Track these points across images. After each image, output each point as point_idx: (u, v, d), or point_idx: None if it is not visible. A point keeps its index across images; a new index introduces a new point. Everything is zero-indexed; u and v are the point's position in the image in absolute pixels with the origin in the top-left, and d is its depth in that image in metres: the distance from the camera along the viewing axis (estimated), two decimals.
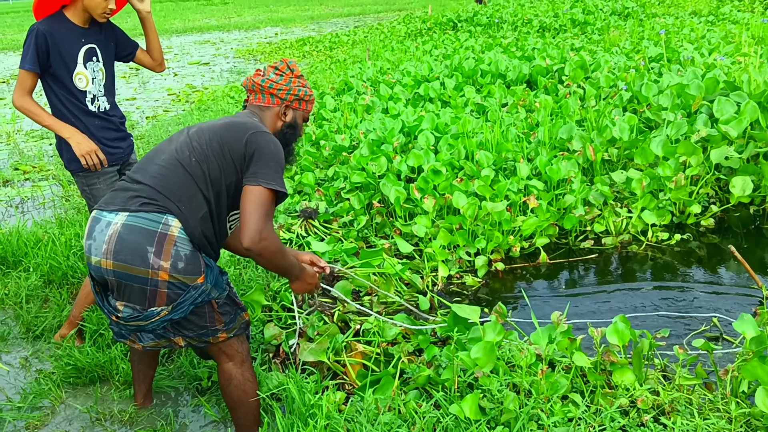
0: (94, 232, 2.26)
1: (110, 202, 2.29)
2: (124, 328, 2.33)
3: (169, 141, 2.43)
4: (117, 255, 2.18)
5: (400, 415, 2.43)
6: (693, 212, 4.25)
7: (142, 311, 2.22)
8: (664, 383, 2.54)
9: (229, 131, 2.37)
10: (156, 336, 2.33)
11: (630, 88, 5.97)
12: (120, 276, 2.20)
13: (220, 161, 2.33)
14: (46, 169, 6.87)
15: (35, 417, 2.85)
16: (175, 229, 2.23)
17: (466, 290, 3.71)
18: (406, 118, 5.70)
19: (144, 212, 2.21)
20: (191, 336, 2.34)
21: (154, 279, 2.18)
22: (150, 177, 2.29)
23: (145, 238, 2.18)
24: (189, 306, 2.25)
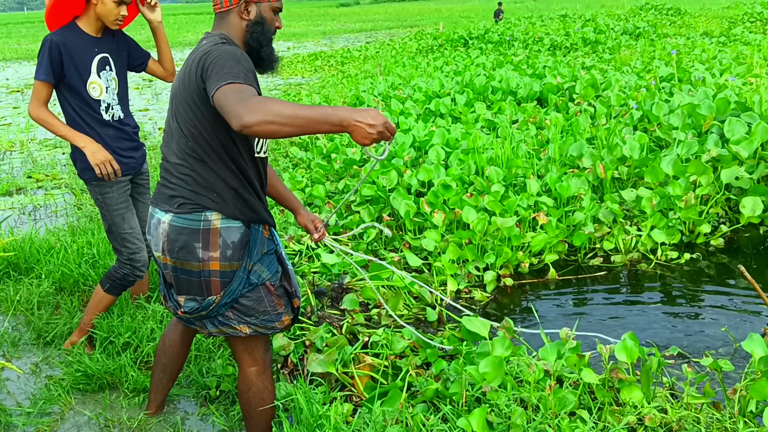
0: (151, 228, 2.35)
1: (157, 198, 2.35)
2: (187, 317, 2.40)
3: (167, 124, 2.34)
4: (171, 253, 2.28)
5: (408, 428, 2.44)
6: (703, 231, 4.25)
7: (202, 302, 2.31)
8: (672, 401, 2.54)
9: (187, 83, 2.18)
10: (219, 323, 2.36)
11: (641, 107, 5.99)
12: (176, 271, 2.30)
13: (203, 121, 2.19)
14: (59, 178, 6.94)
15: (44, 423, 2.87)
16: (217, 221, 2.26)
17: (474, 305, 3.72)
18: (417, 133, 5.74)
19: (184, 213, 2.26)
20: (256, 323, 2.36)
21: (206, 270, 2.27)
22: (176, 174, 2.28)
23: (190, 237, 2.25)
24: (238, 287, 2.29)
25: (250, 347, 2.45)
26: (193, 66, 2.18)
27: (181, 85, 2.24)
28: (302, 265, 4.01)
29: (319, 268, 3.90)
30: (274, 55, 2.42)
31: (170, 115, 2.33)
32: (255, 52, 2.36)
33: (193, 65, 2.17)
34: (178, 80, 2.28)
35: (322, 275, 3.86)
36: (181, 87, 2.24)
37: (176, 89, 2.29)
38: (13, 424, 2.86)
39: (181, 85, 2.24)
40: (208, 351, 3.20)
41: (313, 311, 3.41)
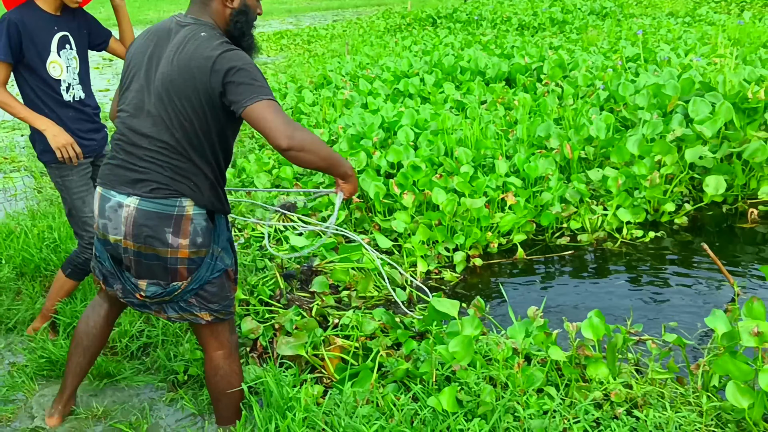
0: (106, 211, 2.28)
1: (114, 180, 2.26)
2: (147, 302, 2.36)
3: (138, 111, 2.23)
4: (136, 238, 2.22)
5: (379, 408, 2.44)
6: (667, 210, 4.31)
7: (166, 287, 2.28)
8: (637, 377, 2.59)
9: (190, 80, 2.15)
10: (180, 309, 2.36)
11: (607, 87, 6.03)
12: (140, 256, 2.25)
13: (202, 119, 2.19)
14: (18, 161, 6.76)
15: (8, 410, 2.81)
16: (190, 207, 2.25)
17: (444, 285, 3.73)
18: (386, 114, 5.71)
19: (156, 198, 2.20)
20: (218, 309, 2.37)
21: (174, 257, 2.24)
22: (148, 161, 2.21)
23: (162, 222, 2.21)
24: (206, 273, 2.30)
25: (216, 331, 2.44)
26: (203, 63, 2.14)
27: (181, 78, 2.17)
28: (271, 248, 3.98)
29: (287, 251, 3.87)
30: (254, 43, 2.42)
31: (152, 100, 2.22)
32: (236, 41, 2.33)
33: (204, 62, 2.13)
34: (174, 70, 2.18)
35: (291, 258, 3.83)
36: (180, 79, 2.17)
37: (171, 79, 2.18)
38: None
39: (180, 78, 2.17)
40: (175, 335, 3.16)
41: (282, 294, 3.39)
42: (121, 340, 3.17)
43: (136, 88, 2.28)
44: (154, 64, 2.25)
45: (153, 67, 2.25)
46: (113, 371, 2.98)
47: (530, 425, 2.30)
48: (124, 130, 2.28)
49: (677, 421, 2.27)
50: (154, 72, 2.24)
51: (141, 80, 2.27)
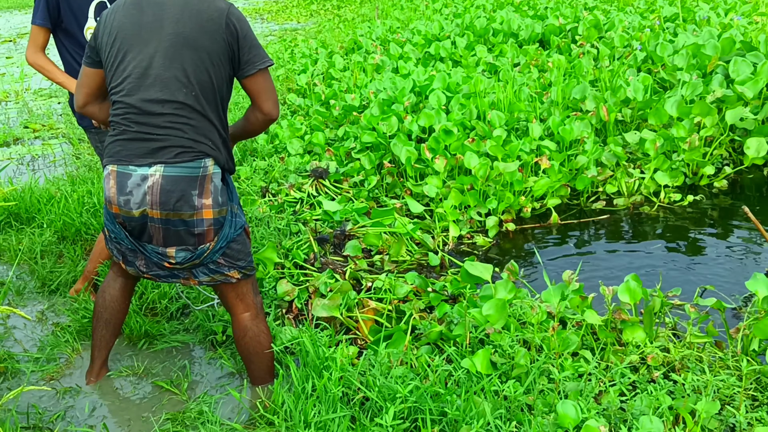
0: (128, 187, 2.27)
1: (132, 155, 2.26)
2: (176, 269, 2.40)
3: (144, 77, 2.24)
4: (164, 206, 2.25)
5: (413, 369, 2.47)
6: (706, 173, 4.22)
7: (195, 250, 2.33)
8: (674, 341, 2.57)
9: (204, 33, 2.23)
10: (210, 271, 2.41)
11: (645, 48, 5.89)
12: (168, 223, 2.28)
13: (218, 70, 2.28)
14: (56, 128, 6.87)
15: (51, 368, 2.90)
16: (211, 167, 2.30)
17: (476, 250, 3.73)
18: (417, 78, 5.65)
19: (181, 163, 2.24)
20: (244, 265, 2.43)
21: (200, 219, 2.28)
22: (167, 126, 2.23)
23: (189, 185, 2.25)
24: (229, 230, 2.36)
25: (241, 293, 2.49)
26: (215, 15, 2.23)
27: (195, 32, 2.22)
28: (304, 213, 4.01)
29: (320, 216, 3.90)
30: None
31: (160, 63, 2.22)
32: None
33: (216, 15, 2.23)
34: (187, 28, 2.21)
35: (324, 222, 3.86)
36: (195, 33, 2.22)
37: (185, 36, 2.21)
38: (20, 370, 2.90)
39: (194, 32, 2.22)
40: (213, 297, 3.21)
41: (316, 258, 3.42)
42: (161, 301, 3.23)
43: (137, 58, 2.24)
44: (149, 30, 2.23)
45: (149, 33, 2.23)
46: (153, 331, 3.05)
47: (565, 387, 2.31)
48: (131, 102, 2.25)
49: (716, 385, 2.26)
50: (153, 37, 2.23)
51: (137, 49, 2.24)
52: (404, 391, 2.20)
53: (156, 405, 2.66)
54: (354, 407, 2.32)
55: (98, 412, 2.64)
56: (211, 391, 2.71)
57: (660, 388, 2.24)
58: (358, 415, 2.28)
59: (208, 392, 2.69)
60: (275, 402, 2.42)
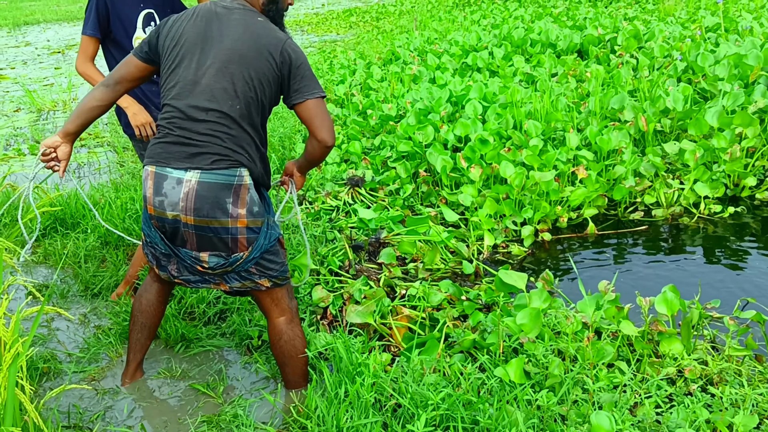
0: (163, 188, 2.34)
1: (170, 158, 2.34)
2: (207, 274, 2.46)
3: (194, 85, 2.34)
4: (198, 212, 2.30)
5: (445, 377, 2.47)
6: (748, 185, 4.14)
7: (228, 258, 2.38)
8: (713, 354, 2.52)
9: (260, 56, 2.34)
10: (241, 278, 2.46)
11: (685, 57, 5.81)
12: (202, 230, 2.33)
13: (265, 90, 2.38)
14: (101, 136, 7.06)
15: (93, 369, 2.98)
16: (247, 177, 2.36)
17: (511, 259, 3.71)
18: (454, 88, 5.67)
19: (217, 170, 2.30)
20: (276, 275, 2.48)
21: (234, 227, 2.34)
22: (208, 133, 2.30)
23: (223, 192, 2.31)
24: (264, 241, 2.40)
25: (276, 298, 2.53)
26: (274, 42, 2.36)
27: (252, 52, 2.34)
28: (339, 220, 4.04)
29: (356, 223, 3.93)
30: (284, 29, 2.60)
31: (212, 73, 2.33)
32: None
33: (275, 42, 2.36)
34: (245, 46, 2.34)
35: (359, 230, 3.89)
36: (252, 53, 2.33)
37: (241, 53, 2.33)
38: (62, 371, 2.98)
39: (251, 52, 2.34)
40: (250, 302, 3.26)
41: (351, 265, 3.45)
42: (199, 306, 3.30)
43: (192, 66, 2.35)
44: (210, 43, 2.35)
45: (210, 45, 2.35)
46: (190, 335, 3.11)
47: (600, 398, 2.29)
48: (178, 106, 2.34)
49: (754, 399, 2.22)
50: (213, 49, 2.35)
51: (196, 58, 2.36)
52: (436, 399, 2.21)
53: (192, 407, 2.71)
54: (386, 413, 2.33)
55: (136, 413, 2.70)
56: (246, 394, 2.75)
57: (697, 401, 2.21)
58: (390, 422, 2.29)
59: (243, 396, 2.73)
60: (308, 406, 2.44)
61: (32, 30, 19.87)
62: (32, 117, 8.23)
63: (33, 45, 15.95)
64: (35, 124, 7.85)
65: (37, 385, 2.88)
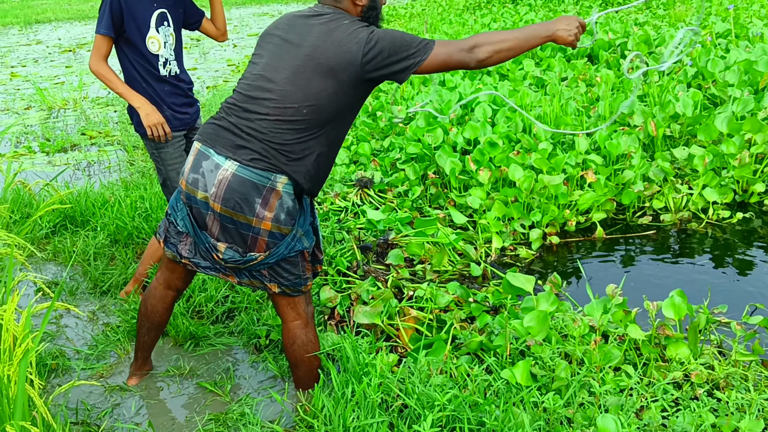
0: (202, 168, 2.35)
1: (217, 142, 2.34)
2: (219, 264, 2.46)
3: (265, 82, 2.34)
4: (226, 202, 2.30)
5: (452, 378, 2.48)
6: (757, 191, 4.13)
7: (243, 255, 2.37)
8: (719, 359, 2.52)
9: (340, 64, 2.27)
10: (252, 276, 2.46)
11: (695, 63, 5.80)
12: (226, 220, 2.33)
13: (340, 96, 2.30)
14: (112, 135, 7.11)
15: (101, 367, 3.00)
16: (281, 184, 2.31)
17: (519, 262, 3.72)
18: (464, 91, 5.68)
19: (254, 168, 2.28)
20: (287, 284, 2.46)
21: (257, 227, 2.32)
22: (258, 130, 2.29)
23: (254, 191, 2.29)
24: (284, 251, 2.38)
25: (293, 302, 2.52)
26: (353, 47, 2.25)
27: (334, 55, 2.26)
28: (348, 221, 4.06)
29: (364, 224, 3.94)
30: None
31: (286, 75, 2.30)
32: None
33: (354, 49, 2.25)
34: (327, 48, 2.27)
35: (368, 231, 3.90)
36: (323, 60, 2.26)
37: (321, 57, 2.27)
38: (71, 367, 3.01)
39: (323, 58, 2.27)
40: (258, 302, 3.28)
41: (359, 266, 3.46)
42: (207, 304, 3.32)
43: (269, 63, 2.36)
44: (291, 45, 2.34)
45: (291, 48, 2.34)
46: (199, 333, 3.13)
47: (606, 402, 2.29)
48: (239, 96, 2.38)
49: (761, 404, 2.21)
50: (293, 53, 2.33)
51: (274, 56, 2.36)
52: (443, 400, 2.21)
53: (199, 405, 2.73)
54: (392, 414, 2.34)
55: (144, 410, 2.72)
56: (254, 393, 2.77)
57: (703, 405, 2.21)
58: (397, 422, 2.30)
59: (251, 395, 2.75)
60: (315, 406, 2.45)
61: (43, 28, 20.00)
62: (43, 115, 8.29)
63: (44, 43, 16.06)
64: (46, 122, 7.90)
65: (46, 381, 2.91)
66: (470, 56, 2.28)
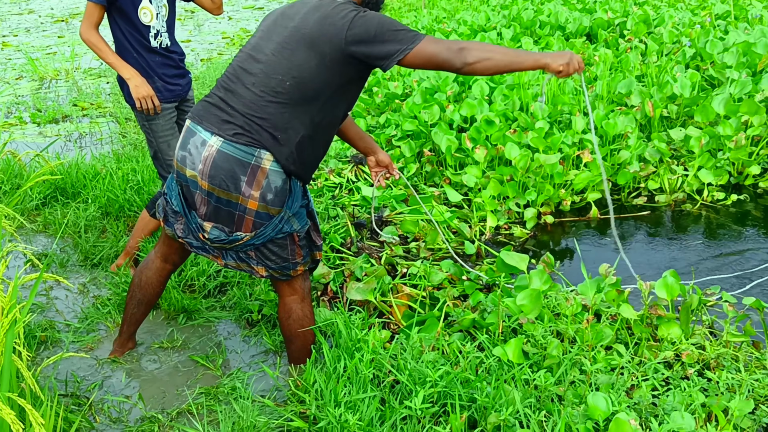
0: (189, 144, 2.33)
1: (204, 117, 2.32)
2: (207, 245, 2.43)
3: (254, 54, 2.33)
4: (212, 179, 2.28)
5: (444, 355, 2.48)
6: (752, 173, 4.13)
7: (229, 234, 2.34)
8: (710, 339, 2.53)
9: (322, 36, 2.23)
10: (238, 258, 2.44)
11: (694, 44, 5.76)
12: (212, 197, 2.31)
13: (324, 73, 2.26)
14: (104, 107, 7.03)
15: (90, 339, 2.99)
16: (268, 162, 2.27)
17: (513, 241, 3.71)
18: None
19: (236, 143, 2.24)
20: (274, 267, 2.43)
21: (243, 205, 2.29)
22: (243, 104, 2.27)
23: (239, 168, 2.26)
24: (271, 233, 2.34)
25: (291, 278, 2.50)
26: (338, 21, 2.21)
27: (316, 32, 2.23)
28: (342, 198, 4.03)
29: (358, 201, 3.92)
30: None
31: (272, 47, 2.29)
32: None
33: (338, 23, 2.21)
34: (309, 24, 2.25)
35: (362, 208, 3.88)
36: (316, 33, 2.24)
37: (303, 32, 2.26)
38: (60, 340, 2.99)
39: (315, 31, 2.24)
40: (250, 276, 3.26)
41: (353, 242, 3.44)
42: (199, 278, 3.30)
43: (261, 37, 2.36)
44: (284, 20, 2.34)
45: (283, 22, 2.33)
46: (191, 307, 3.11)
47: (597, 380, 2.30)
48: (233, 69, 2.36)
49: (751, 384, 2.22)
50: (283, 26, 2.32)
51: (268, 30, 2.36)
52: (434, 376, 2.21)
53: (190, 379, 2.72)
54: (384, 389, 2.34)
55: (134, 383, 2.71)
56: (245, 367, 2.76)
57: (693, 385, 2.22)
58: (388, 398, 2.30)
59: (242, 369, 2.74)
60: (307, 380, 2.45)
61: None
62: (34, 85, 8.19)
63: (36, 12, 15.83)
64: (37, 92, 7.81)
65: (35, 353, 2.90)
66: (458, 57, 2.21)
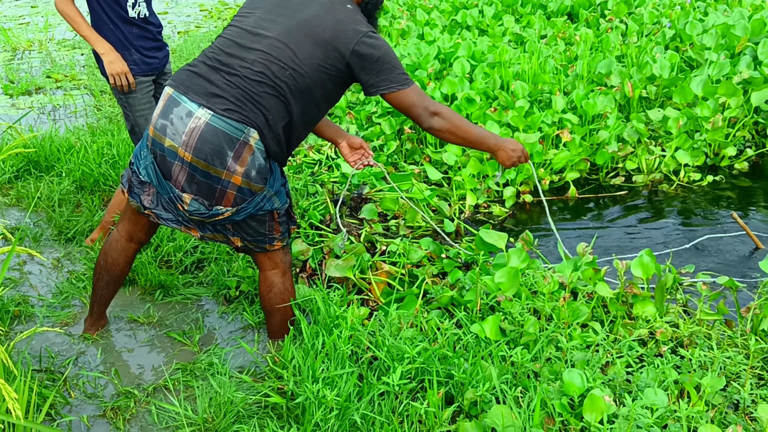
0: (172, 114, 2.27)
1: (191, 89, 2.27)
2: (183, 216, 2.40)
3: (255, 32, 2.31)
4: (197, 152, 2.24)
5: (422, 332, 2.49)
6: (728, 154, 4.17)
7: (209, 209, 2.31)
8: (684, 317, 2.57)
9: (332, 40, 2.27)
10: (215, 230, 2.44)
11: (674, 25, 5.78)
12: (195, 170, 2.27)
13: (322, 73, 2.29)
14: (78, 79, 6.89)
15: (65, 315, 2.95)
16: (254, 139, 2.27)
17: (492, 220, 3.72)
18: (442, 45, 5.59)
19: (228, 118, 2.22)
20: (249, 240, 2.44)
21: (227, 180, 2.27)
22: (238, 80, 2.24)
23: (227, 143, 2.23)
24: (251, 209, 2.34)
25: (270, 252, 2.50)
26: (350, 37, 2.26)
27: (328, 32, 2.27)
28: (321, 174, 4.01)
29: (338, 178, 3.90)
30: (376, 25, 2.54)
31: (278, 31, 2.28)
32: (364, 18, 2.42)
33: (353, 34, 2.26)
34: (323, 22, 2.27)
35: (341, 184, 3.86)
36: (327, 32, 2.27)
37: (314, 28, 2.27)
38: (34, 314, 2.95)
39: (327, 31, 2.27)
40: (228, 253, 3.24)
41: (332, 219, 3.43)
42: (176, 254, 3.27)
43: (263, 17, 2.33)
44: (290, 7, 2.32)
45: (289, 8, 2.32)
46: (168, 283, 3.09)
47: (573, 357, 2.32)
48: (229, 42, 2.31)
49: (722, 362, 2.26)
50: (289, 13, 2.31)
51: (270, 12, 2.33)
52: (412, 352, 2.22)
53: (167, 354, 2.70)
54: (362, 366, 2.35)
55: (109, 359, 2.69)
56: (222, 343, 2.75)
57: (667, 362, 2.25)
58: (366, 374, 2.31)
59: (219, 345, 2.73)
60: (285, 356, 2.45)
61: None
62: (6, 56, 8.00)
63: None
64: (9, 63, 7.63)
65: (8, 328, 2.86)
66: (428, 119, 2.38)
